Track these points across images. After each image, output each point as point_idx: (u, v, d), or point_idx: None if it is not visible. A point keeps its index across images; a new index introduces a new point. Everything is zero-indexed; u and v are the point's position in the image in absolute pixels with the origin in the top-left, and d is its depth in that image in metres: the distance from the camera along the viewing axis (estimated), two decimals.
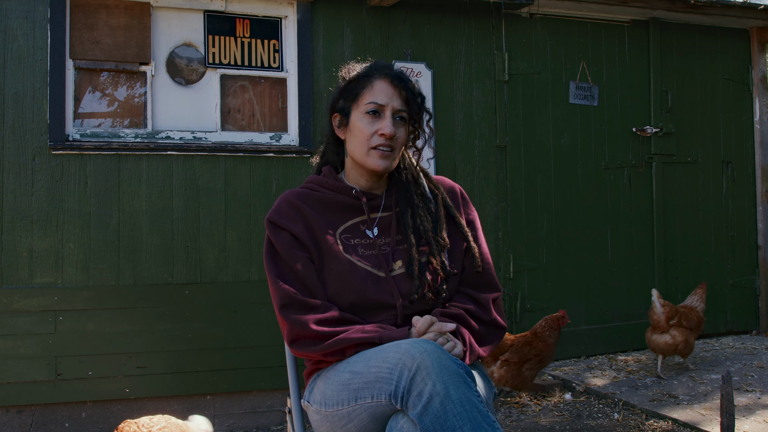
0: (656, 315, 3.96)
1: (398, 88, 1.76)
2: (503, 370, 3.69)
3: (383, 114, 1.74)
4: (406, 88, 1.77)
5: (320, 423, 1.67)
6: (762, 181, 5.17)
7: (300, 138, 4.05)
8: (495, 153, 4.46)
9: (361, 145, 1.75)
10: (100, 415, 3.67)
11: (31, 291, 3.59)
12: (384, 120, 1.73)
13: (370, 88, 1.76)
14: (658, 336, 3.96)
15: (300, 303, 1.65)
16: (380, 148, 1.73)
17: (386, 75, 1.77)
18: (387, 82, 1.76)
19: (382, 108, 1.74)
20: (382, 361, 1.49)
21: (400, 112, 1.76)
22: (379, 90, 1.75)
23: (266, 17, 4.10)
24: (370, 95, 1.75)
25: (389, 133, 1.72)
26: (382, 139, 1.73)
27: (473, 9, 4.42)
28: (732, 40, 5.16)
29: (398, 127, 1.76)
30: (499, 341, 1.81)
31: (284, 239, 1.72)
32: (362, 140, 1.74)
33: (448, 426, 1.37)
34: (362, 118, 1.75)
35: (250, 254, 3.91)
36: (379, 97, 1.74)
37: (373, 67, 1.80)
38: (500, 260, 4.42)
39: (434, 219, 1.79)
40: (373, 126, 1.74)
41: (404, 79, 1.78)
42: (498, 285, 1.84)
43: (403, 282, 1.71)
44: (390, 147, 1.74)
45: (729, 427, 2.73)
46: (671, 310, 3.96)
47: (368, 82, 1.76)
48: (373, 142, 1.73)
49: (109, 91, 3.86)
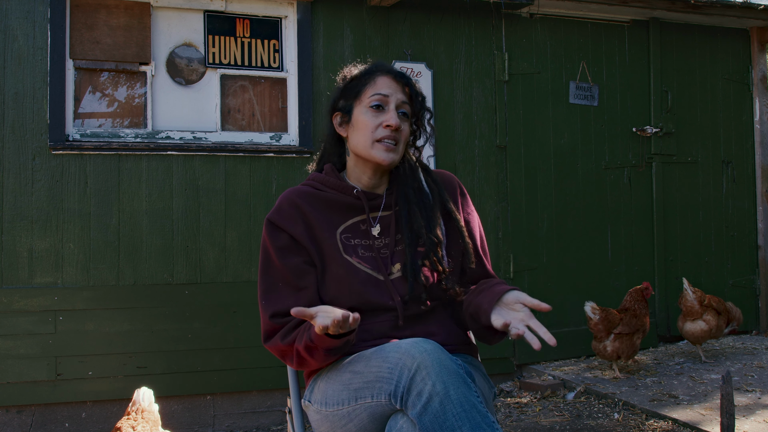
0: (689, 302, 4.13)
1: (401, 83, 1.77)
2: (617, 342, 3.93)
3: (387, 107, 1.74)
4: (409, 84, 1.78)
5: (320, 423, 1.66)
6: (762, 181, 5.17)
7: (300, 138, 4.05)
8: (495, 153, 4.46)
9: (366, 139, 1.74)
10: (100, 415, 3.67)
11: (31, 291, 3.59)
12: (388, 112, 1.74)
13: (372, 83, 1.76)
14: (691, 324, 4.15)
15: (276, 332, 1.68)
16: (385, 141, 1.73)
17: (388, 72, 1.78)
18: (390, 77, 1.77)
19: (386, 100, 1.74)
20: (382, 361, 1.49)
21: (403, 105, 1.76)
22: (383, 84, 1.76)
23: (266, 17, 4.10)
24: (373, 89, 1.75)
25: (395, 124, 1.71)
26: (388, 130, 1.72)
27: (473, 9, 4.42)
28: (732, 40, 5.16)
29: (402, 121, 1.76)
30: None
31: (282, 242, 1.72)
32: (367, 133, 1.74)
33: (447, 426, 1.37)
34: (366, 112, 1.75)
35: (250, 254, 3.91)
36: (383, 90, 1.75)
37: (374, 66, 1.81)
38: (500, 260, 4.42)
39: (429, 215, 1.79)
40: (377, 119, 1.74)
41: (406, 76, 1.80)
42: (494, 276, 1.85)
43: (401, 285, 1.71)
44: (395, 140, 1.74)
45: (729, 427, 2.72)
46: (702, 296, 4.14)
47: (370, 79, 1.77)
48: (378, 135, 1.73)
49: (109, 91, 3.86)
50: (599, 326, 3.92)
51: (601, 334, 3.93)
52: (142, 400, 2.22)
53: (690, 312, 4.12)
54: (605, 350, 3.95)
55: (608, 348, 3.94)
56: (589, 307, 3.97)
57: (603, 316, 3.92)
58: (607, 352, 3.95)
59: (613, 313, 3.97)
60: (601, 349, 3.97)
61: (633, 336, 3.95)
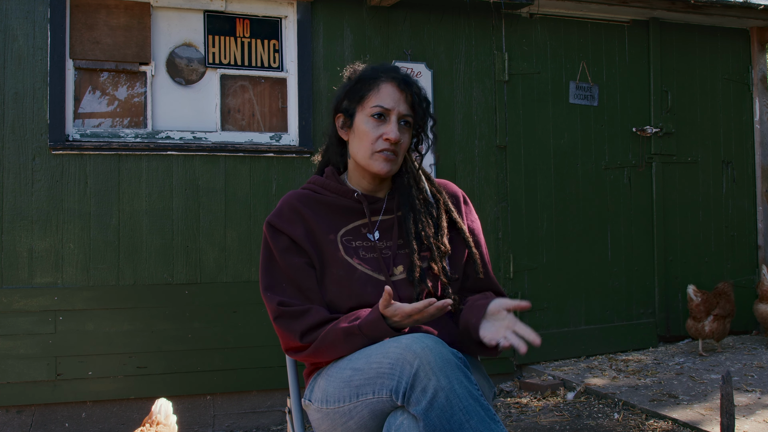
0: (766, 286, 4.50)
1: (405, 92, 1.74)
2: (715, 324, 4.32)
3: (389, 118, 1.73)
4: (413, 93, 1.75)
5: (321, 421, 1.66)
6: (762, 181, 5.17)
7: (300, 138, 4.05)
8: (495, 153, 4.46)
9: (365, 149, 1.74)
10: (100, 415, 3.67)
11: (31, 291, 3.59)
12: (389, 125, 1.72)
13: (376, 90, 1.74)
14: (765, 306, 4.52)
15: (289, 313, 1.66)
16: (384, 152, 1.72)
17: (393, 78, 1.75)
18: (394, 85, 1.74)
19: (388, 112, 1.73)
20: (383, 357, 1.49)
21: (405, 117, 1.74)
22: (386, 93, 1.73)
23: (266, 17, 4.10)
24: (377, 98, 1.73)
25: (394, 138, 1.71)
26: (387, 143, 1.72)
27: (473, 9, 4.42)
28: (732, 40, 5.16)
29: (403, 132, 1.74)
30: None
31: (283, 243, 1.72)
32: (366, 144, 1.73)
33: (455, 420, 1.37)
34: (367, 121, 1.73)
35: (250, 254, 3.91)
36: (386, 101, 1.72)
37: (379, 69, 1.78)
38: (500, 260, 4.42)
39: (436, 224, 1.78)
40: (378, 130, 1.72)
41: (411, 83, 1.76)
42: (500, 289, 1.84)
43: (403, 287, 1.71)
44: (394, 152, 1.73)
45: (729, 427, 2.72)
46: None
47: (375, 85, 1.75)
48: (378, 146, 1.72)
49: (109, 91, 3.86)
50: (700, 307, 4.32)
51: (701, 314, 4.32)
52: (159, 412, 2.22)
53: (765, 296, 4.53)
54: (703, 329, 4.34)
55: (706, 328, 4.33)
56: (692, 289, 4.38)
57: (704, 299, 4.32)
58: (705, 331, 4.34)
59: (711, 296, 4.37)
60: (700, 328, 4.35)
61: (725, 319, 4.37)
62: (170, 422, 2.22)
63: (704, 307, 4.32)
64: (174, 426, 2.23)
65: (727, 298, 4.42)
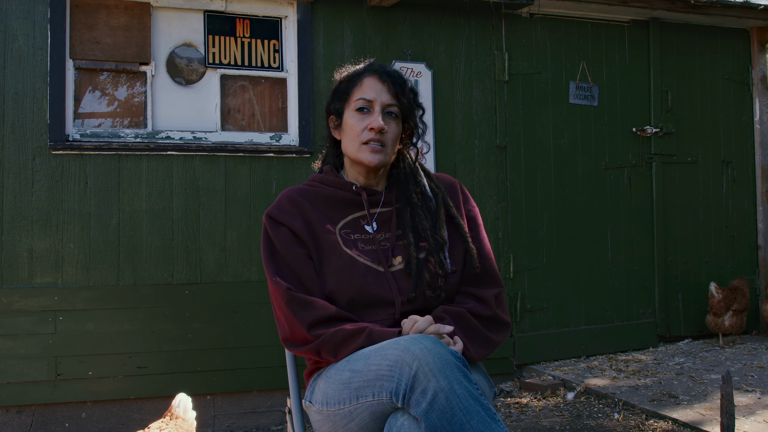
0: None
1: (387, 83, 1.78)
2: (734, 318, 4.55)
3: (372, 110, 1.77)
4: (395, 83, 1.79)
5: (322, 423, 1.66)
6: (762, 181, 5.17)
7: (300, 138, 4.05)
8: (495, 153, 4.46)
9: (353, 142, 1.77)
10: (100, 415, 3.67)
11: (31, 291, 3.59)
12: (373, 114, 1.76)
13: (359, 86, 1.79)
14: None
15: (299, 300, 1.66)
16: (371, 143, 1.75)
17: (374, 72, 1.80)
18: (375, 78, 1.79)
19: (371, 103, 1.77)
20: (382, 359, 1.49)
21: (389, 106, 1.78)
22: (368, 86, 1.78)
23: (266, 17, 4.10)
24: (359, 92, 1.78)
25: (377, 127, 1.73)
26: (372, 133, 1.75)
27: (473, 9, 4.42)
28: (732, 40, 5.16)
29: (389, 122, 1.78)
30: (504, 337, 1.80)
31: (283, 235, 1.74)
32: (353, 137, 1.77)
33: (456, 421, 1.37)
34: (353, 116, 1.78)
35: (250, 254, 3.91)
36: (368, 93, 1.77)
37: (363, 67, 1.84)
38: (500, 260, 4.42)
39: (433, 218, 1.80)
40: (363, 122, 1.76)
41: (393, 75, 1.80)
42: (500, 280, 1.85)
43: (401, 278, 1.72)
44: (381, 142, 1.76)
45: (729, 427, 2.72)
46: None
47: (358, 81, 1.80)
48: (364, 137, 1.76)
49: (109, 91, 3.86)
50: (721, 303, 4.53)
51: (721, 310, 4.54)
52: (178, 406, 2.23)
53: None
54: (723, 324, 4.55)
55: (726, 322, 4.54)
56: (713, 286, 4.59)
57: (725, 295, 4.53)
58: (725, 326, 4.55)
59: (729, 292, 4.56)
60: (720, 323, 4.56)
61: (742, 313, 4.59)
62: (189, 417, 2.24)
63: (724, 303, 4.52)
64: (192, 422, 2.24)
65: (743, 294, 4.60)
